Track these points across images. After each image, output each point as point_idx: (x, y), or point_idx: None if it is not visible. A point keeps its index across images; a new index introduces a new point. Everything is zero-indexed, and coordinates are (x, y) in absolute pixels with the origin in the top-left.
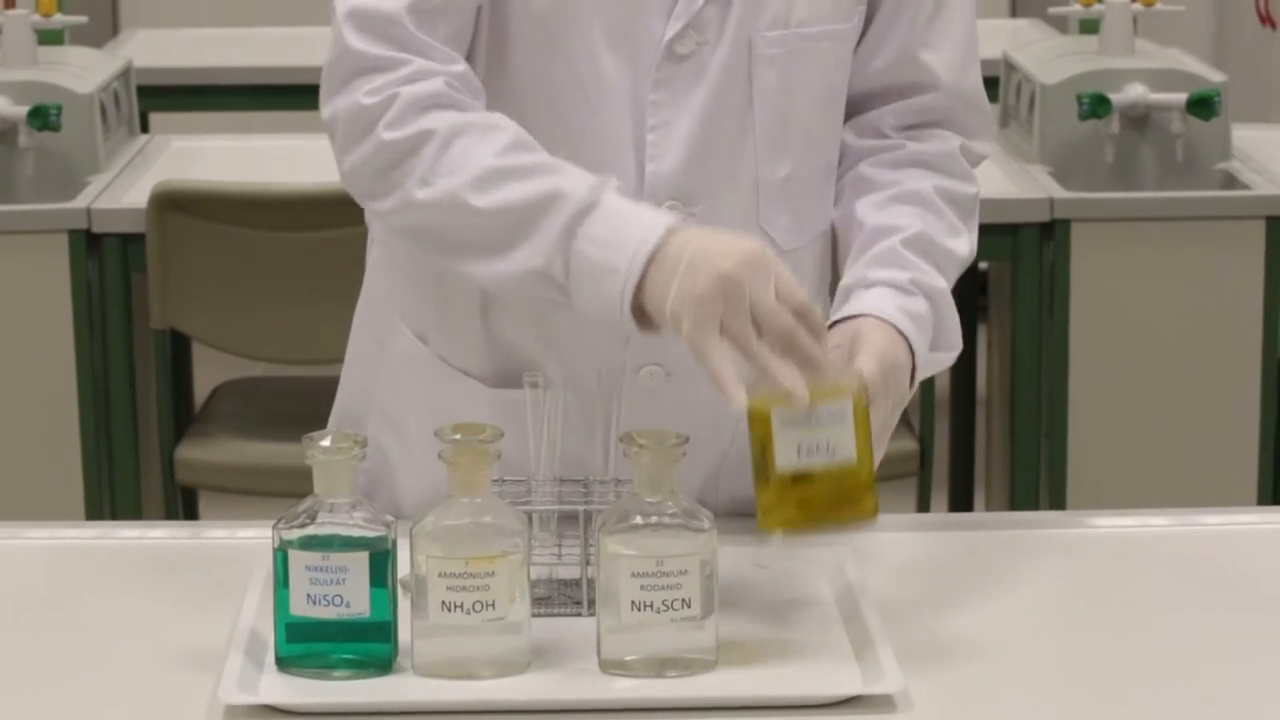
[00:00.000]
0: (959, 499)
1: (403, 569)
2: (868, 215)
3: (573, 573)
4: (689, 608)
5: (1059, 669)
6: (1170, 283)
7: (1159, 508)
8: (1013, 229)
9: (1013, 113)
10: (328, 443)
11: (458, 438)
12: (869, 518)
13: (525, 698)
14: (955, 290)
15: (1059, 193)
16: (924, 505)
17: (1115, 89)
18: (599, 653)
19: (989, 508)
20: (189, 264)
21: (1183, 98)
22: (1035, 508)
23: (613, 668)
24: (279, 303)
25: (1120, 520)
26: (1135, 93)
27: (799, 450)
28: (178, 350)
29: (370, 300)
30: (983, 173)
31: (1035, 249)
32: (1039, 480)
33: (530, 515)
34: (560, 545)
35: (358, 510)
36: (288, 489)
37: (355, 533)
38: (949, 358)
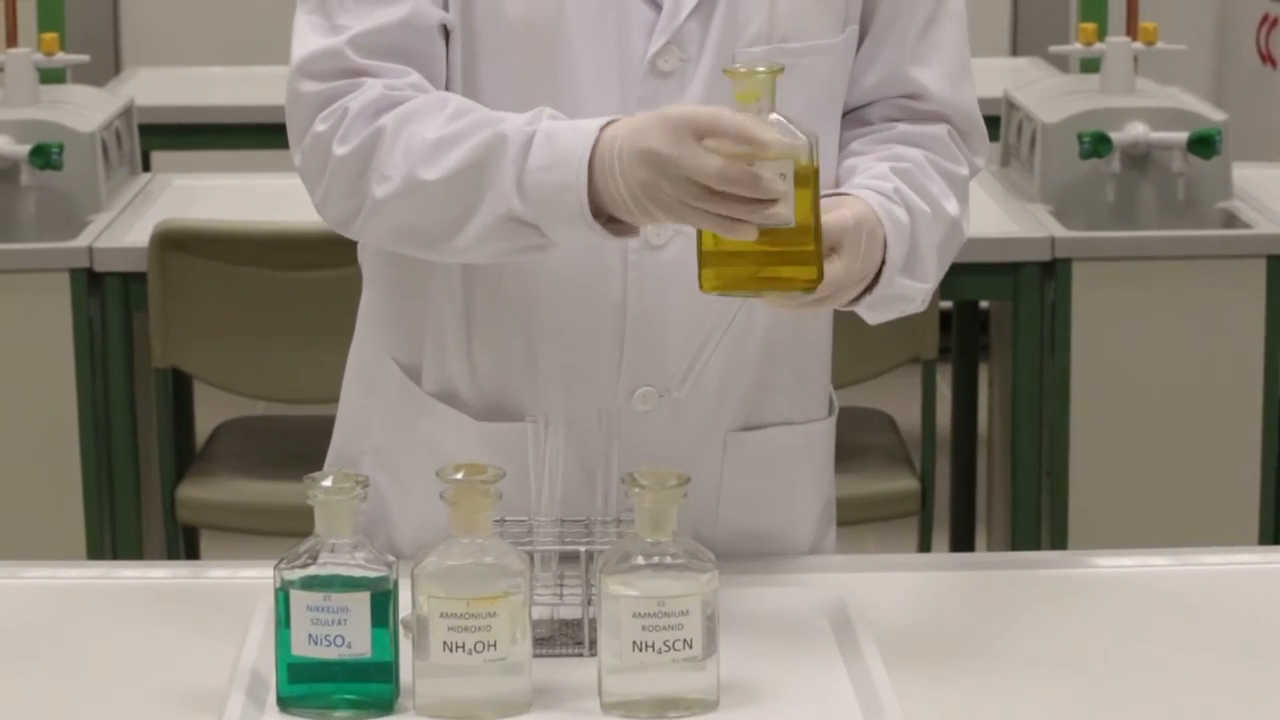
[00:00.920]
0: (960, 538)
1: (404, 609)
2: (856, 164)
3: (574, 613)
4: (690, 648)
5: (1060, 709)
6: (1171, 321)
7: (1160, 547)
8: (1014, 268)
9: (1013, 151)
10: (329, 483)
11: (459, 478)
12: (808, 282)
13: None
14: (957, 326)
15: (1060, 232)
16: (925, 544)
17: (1116, 128)
18: (600, 693)
19: (990, 547)
20: (190, 303)
21: (1183, 136)
22: (1036, 547)
23: (614, 709)
24: (281, 342)
25: (1121, 560)
26: (1136, 131)
27: None
28: (179, 389)
29: (361, 341)
30: (983, 211)
31: (1036, 288)
32: (1040, 519)
33: (532, 555)
34: (562, 585)
35: (359, 550)
36: (289, 528)
37: (357, 573)
38: (920, 292)
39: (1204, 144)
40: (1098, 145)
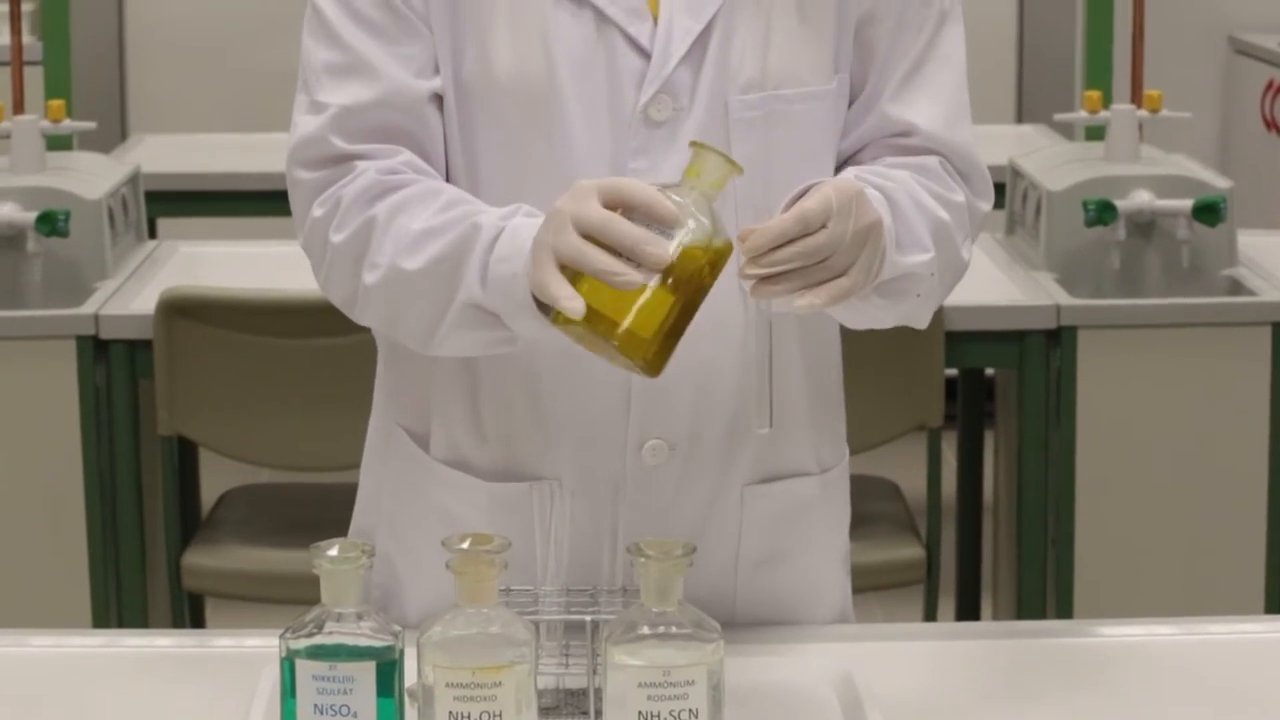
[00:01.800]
0: (966, 607)
1: (410, 678)
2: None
3: (580, 682)
4: (696, 718)
5: None
6: (1176, 389)
7: (1166, 616)
8: (1019, 336)
9: (1018, 219)
10: (335, 552)
11: (464, 547)
12: (637, 357)
13: None
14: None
15: (1065, 299)
16: (931, 613)
17: (1121, 195)
18: None
19: (996, 615)
20: (196, 370)
21: (1188, 204)
22: (1042, 616)
23: None
24: (286, 409)
25: (1127, 629)
26: (1141, 199)
27: None
28: (185, 456)
29: (375, 412)
30: (988, 279)
31: (1041, 356)
32: (1046, 588)
33: (537, 624)
34: (567, 655)
35: (365, 620)
36: (295, 595)
37: (363, 642)
38: (923, 265)
39: (1209, 211)
40: (1103, 213)
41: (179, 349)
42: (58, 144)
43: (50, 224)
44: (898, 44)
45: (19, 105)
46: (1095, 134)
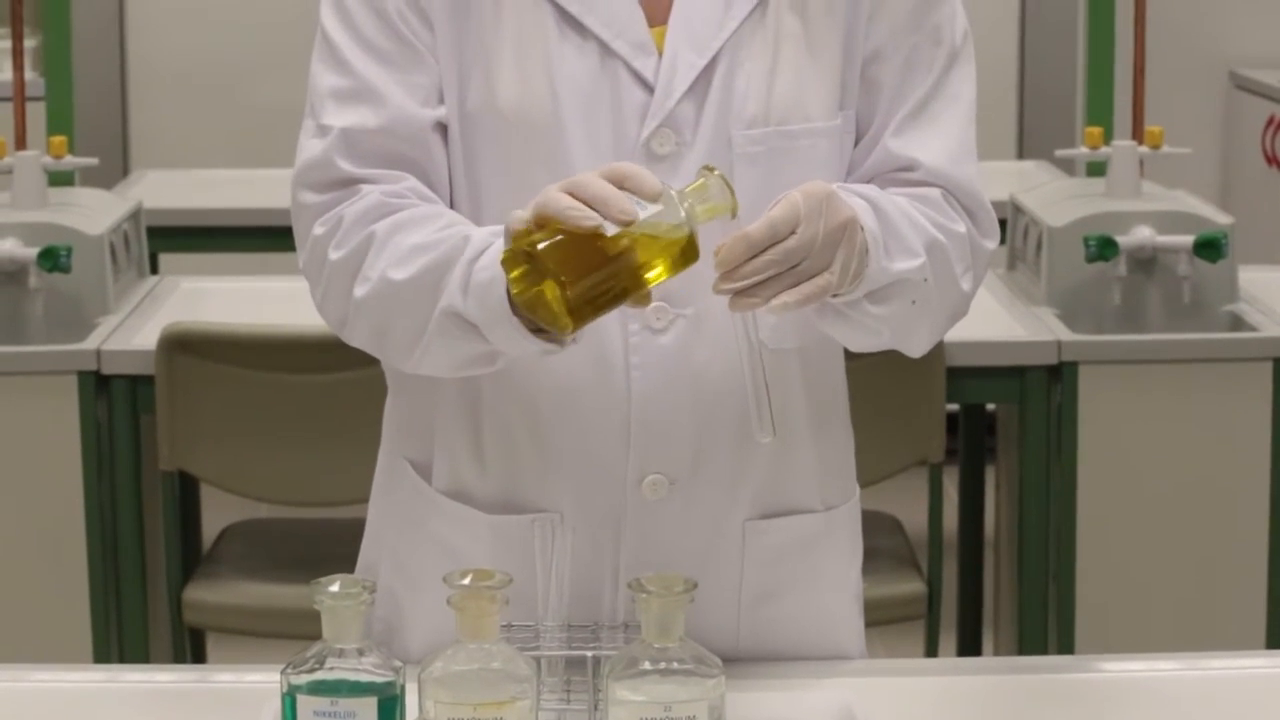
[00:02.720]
0: (967, 642)
1: (411, 714)
2: None
3: (581, 718)
4: None
5: None
6: (1178, 425)
7: (1168, 651)
8: (1020, 371)
9: (1020, 255)
10: (336, 588)
11: (465, 583)
12: (560, 308)
13: None
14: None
15: (1066, 335)
16: (932, 648)
17: (1122, 231)
18: None
19: (997, 651)
20: (198, 406)
21: (1189, 240)
22: (1044, 651)
23: None
24: (288, 445)
25: (1129, 664)
26: (1142, 235)
27: None
28: (186, 492)
29: (382, 446)
30: (990, 314)
31: (1043, 391)
32: (1047, 623)
33: (539, 660)
34: (569, 691)
35: (366, 655)
36: (297, 630)
37: (364, 678)
38: (915, 270)
39: (1210, 247)
40: (1104, 249)
41: (180, 384)
42: (60, 180)
43: (52, 260)
44: (906, 82)
45: (21, 141)
46: (1096, 170)
